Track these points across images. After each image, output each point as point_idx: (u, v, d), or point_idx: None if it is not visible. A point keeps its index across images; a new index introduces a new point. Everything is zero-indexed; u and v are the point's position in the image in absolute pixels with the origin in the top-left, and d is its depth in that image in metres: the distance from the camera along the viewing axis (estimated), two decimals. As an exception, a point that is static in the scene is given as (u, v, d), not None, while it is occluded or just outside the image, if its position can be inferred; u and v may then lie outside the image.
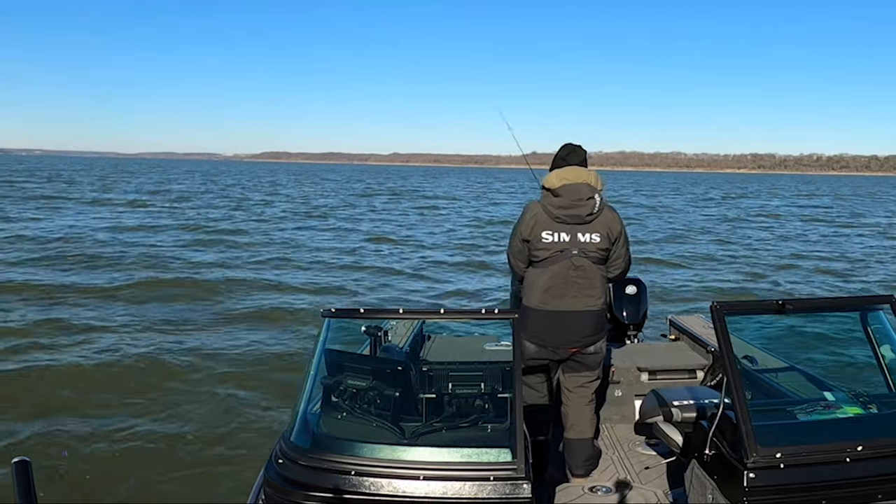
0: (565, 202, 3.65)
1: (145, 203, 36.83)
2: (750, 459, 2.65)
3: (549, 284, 3.66)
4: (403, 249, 21.74)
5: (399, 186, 74.84)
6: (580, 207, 3.64)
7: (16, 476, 1.52)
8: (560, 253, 3.64)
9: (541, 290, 3.69)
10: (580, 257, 3.65)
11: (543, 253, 3.67)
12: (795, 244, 24.87)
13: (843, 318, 6.00)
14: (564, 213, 3.64)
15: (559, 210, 3.65)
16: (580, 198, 3.65)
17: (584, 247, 3.65)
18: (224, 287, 14.32)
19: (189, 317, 11.70)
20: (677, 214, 38.95)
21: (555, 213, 3.65)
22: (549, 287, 3.67)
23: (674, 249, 22.54)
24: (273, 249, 20.56)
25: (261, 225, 28.03)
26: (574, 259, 3.64)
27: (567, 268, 3.64)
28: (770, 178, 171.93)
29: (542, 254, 3.67)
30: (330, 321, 3.22)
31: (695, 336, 5.29)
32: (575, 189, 3.67)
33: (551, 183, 3.73)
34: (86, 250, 18.61)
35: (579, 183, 3.69)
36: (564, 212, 3.64)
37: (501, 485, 2.61)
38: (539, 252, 3.68)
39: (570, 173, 3.73)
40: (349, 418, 3.04)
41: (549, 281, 3.66)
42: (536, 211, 3.71)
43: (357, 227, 28.10)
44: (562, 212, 3.64)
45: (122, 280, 14.68)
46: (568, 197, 3.65)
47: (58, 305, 12.17)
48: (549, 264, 3.66)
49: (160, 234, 23.12)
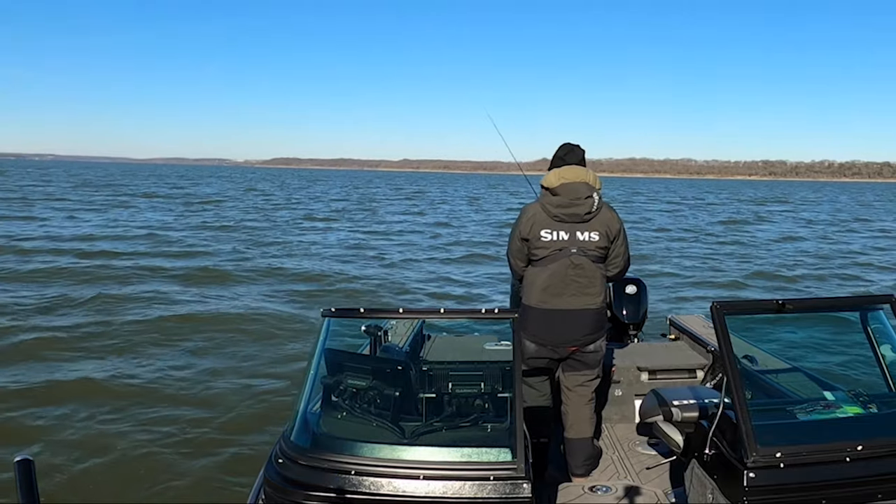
0: (564, 201, 3.66)
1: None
2: (750, 459, 2.65)
3: (548, 283, 3.67)
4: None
5: (473, 193, 73.53)
6: (579, 206, 3.65)
7: (18, 475, 1.52)
8: (559, 251, 3.65)
9: (540, 288, 3.69)
10: (579, 256, 3.65)
11: (542, 251, 3.67)
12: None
13: (843, 318, 6.00)
14: (563, 212, 3.65)
15: (558, 209, 3.66)
16: (579, 196, 3.66)
17: (583, 245, 3.66)
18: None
19: (190, 315, 11.72)
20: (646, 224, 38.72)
21: (553, 212, 3.66)
22: (548, 285, 3.67)
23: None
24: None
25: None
26: (573, 257, 3.64)
27: (566, 266, 3.64)
28: (780, 185, 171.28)
29: (540, 252, 3.68)
30: (330, 321, 3.23)
31: (695, 336, 5.29)
32: (573, 188, 3.68)
33: (550, 182, 3.74)
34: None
35: (578, 182, 3.70)
36: (563, 210, 3.65)
37: (501, 484, 2.61)
38: (538, 251, 3.68)
39: (569, 172, 3.73)
40: (349, 418, 3.04)
41: (548, 279, 3.67)
42: (535, 210, 3.72)
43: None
44: (560, 210, 3.65)
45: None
46: (566, 196, 3.66)
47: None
48: (548, 263, 3.67)
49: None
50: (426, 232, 28.36)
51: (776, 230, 32.02)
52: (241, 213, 34.57)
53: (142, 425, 6.92)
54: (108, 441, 6.54)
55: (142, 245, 20.69)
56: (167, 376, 8.48)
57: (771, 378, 4.19)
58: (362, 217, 35.71)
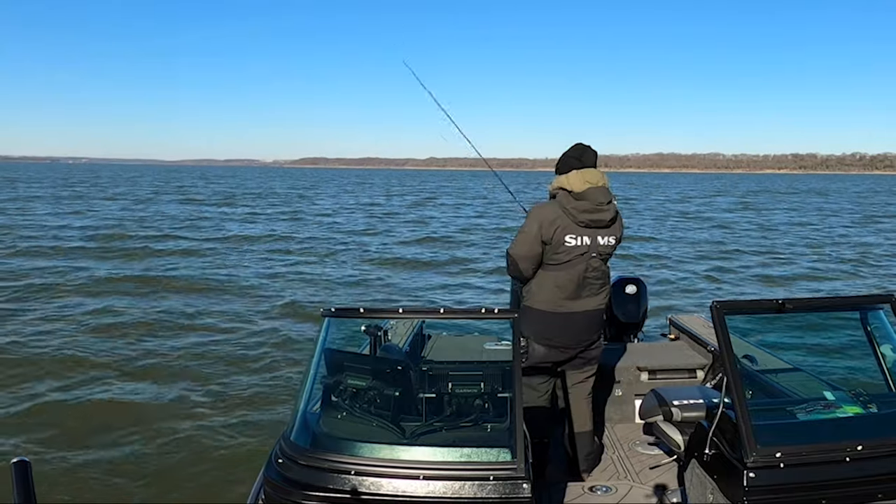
0: (589, 206, 3.59)
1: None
2: (750, 459, 2.65)
3: (564, 286, 3.64)
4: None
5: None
6: (603, 212, 3.62)
7: (15, 476, 1.52)
8: (580, 256, 3.62)
9: (555, 291, 3.65)
10: (597, 259, 3.66)
11: (563, 256, 3.62)
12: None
13: (843, 318, 5.99)
14: (589, 218, 3.59)
15: (584, 214, 3.59)
16: (602, 202, 3.62)
17: (601, 249, 3.66)
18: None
19: (192, 314, 11.71)
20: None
21: (579, 218, 3.58)
22: (565, 289, 3.64)
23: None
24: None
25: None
26: (591, 261, 3.64)
27: (584, 269, 3.63)
28: (810, 179, 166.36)
29: (561, 257, 3.62)
30: (330, 320, 3.22)
31: (695, 335, 5.29)
32: (597, 193, 3.62)
33: (574, 185, 3.62)
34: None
35: (601, 186, 3.65)
36: (589, 216, 3.59)
37: (501, 484, 2.61)
38: (559, 255, 3.62)
39: (592, 176, 3.64)
40: (349, 418, 3.03)
41: (564, 283, 3.63)
42: (556, 214, 3.61)
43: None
44: (587, 216, 3.59)
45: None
46: (592, 201, 3.60)
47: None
48: (567, 267, 3.62)
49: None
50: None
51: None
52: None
53: (142, 425, 6.91)
54: (107, 441, 6.54)
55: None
56: (167, 375, 8.48)
57: (771, 378, 4.19)
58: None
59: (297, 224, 30.54)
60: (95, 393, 7.80)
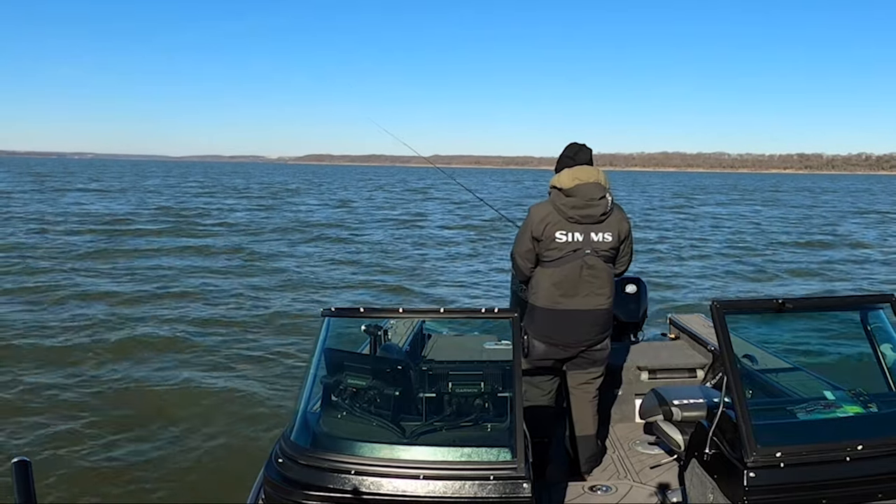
0: (579, 202, 3.64)
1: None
2: (750, 459, 2.65)
3: (560, 283, 3.67)
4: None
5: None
6: (594, 207, 3.64)
7: (16, 476, 1.52)
8: (573, 252, 3.65)
9: (552, 289, 3.68)
10: (592, 256, 3.66)
11: (556, 253, 3.66)
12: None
13: (843, 317, 5.99)
14: (578, 213, 3.63)
15: (573, 210, 3.63)
16: (593, 197, 3.64)
17: (596, 246, 3.67)
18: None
19: (196, 315, 11.72)
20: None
21: (569, 214, 3.63)
22: (561, 286, 3.67)
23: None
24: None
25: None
26: (587, 258, 3.65)
27: (579, 267, 3.65)
28: (816, 179, 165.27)
29: (554, 253, 3.66)
30: (330, 320, 3.22)
31: (695, 335, 5.29)
32: (588, 189, 3.66)
33: (563, 182, 3.70)
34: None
35: (591, 182, 3.68)
36: (578, 212, 3.63)
37: (501, 484, 2.61)
38: (551, 252, 3.67)
39: (582, 173, 3.70)
40: (349, 417, 3.03)
41: (560, 280, 3.67)
42: (548, 211, 3.69)
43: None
44: (576, 212, 3.63)
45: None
46: (581, 197, 3.64)
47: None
48: (562, 264, 3.66)
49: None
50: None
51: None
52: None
53: (141, 425, 6.92)
54: (107, 441, 6.54)
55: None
56: (167, 375, 8.48)
57: (771, 377, 4.19)
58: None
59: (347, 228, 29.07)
60: (95, 393, 7.80)
